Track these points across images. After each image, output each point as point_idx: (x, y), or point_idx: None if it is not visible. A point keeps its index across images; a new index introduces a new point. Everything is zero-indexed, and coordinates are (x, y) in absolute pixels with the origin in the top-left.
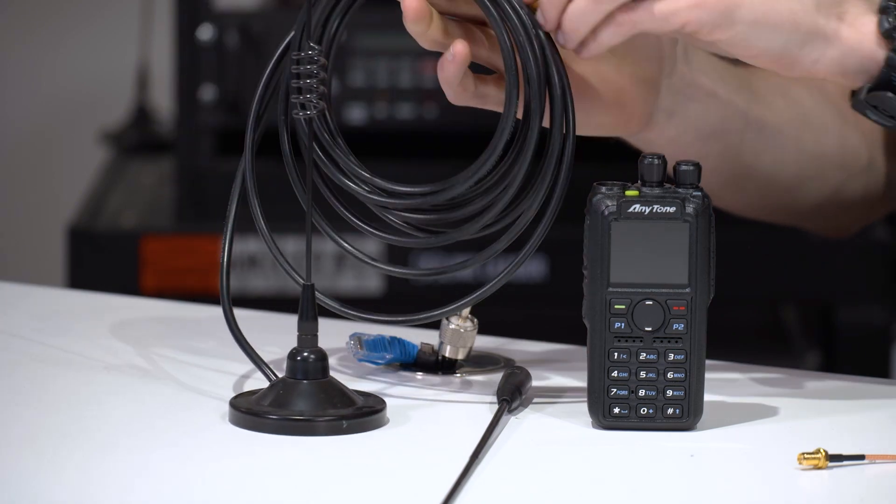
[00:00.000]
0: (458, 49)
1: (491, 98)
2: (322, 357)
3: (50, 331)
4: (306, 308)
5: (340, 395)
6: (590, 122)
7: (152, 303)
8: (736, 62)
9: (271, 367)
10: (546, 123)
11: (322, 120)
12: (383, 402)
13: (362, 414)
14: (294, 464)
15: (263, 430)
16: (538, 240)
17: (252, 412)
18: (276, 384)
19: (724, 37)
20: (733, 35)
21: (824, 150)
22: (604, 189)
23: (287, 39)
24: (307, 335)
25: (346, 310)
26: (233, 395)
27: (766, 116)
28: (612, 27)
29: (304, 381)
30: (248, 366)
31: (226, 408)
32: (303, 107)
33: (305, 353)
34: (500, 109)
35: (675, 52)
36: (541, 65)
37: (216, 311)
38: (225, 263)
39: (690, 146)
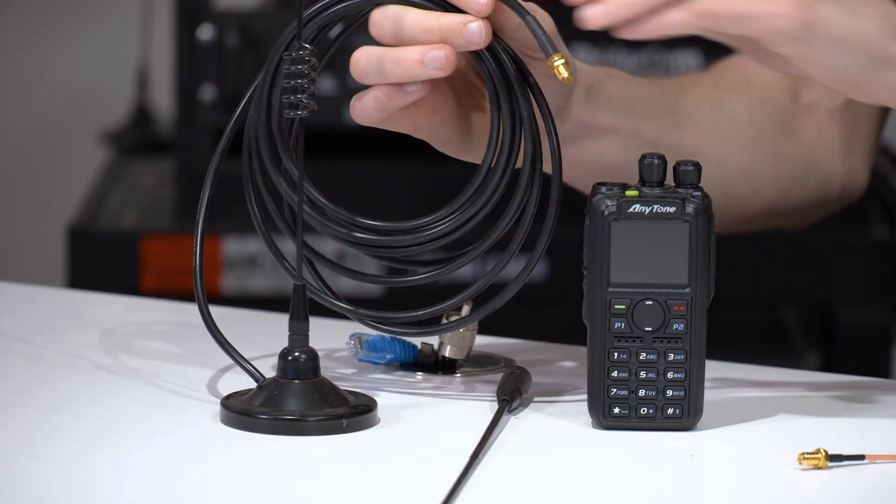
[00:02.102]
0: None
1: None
2: (313, 357)
3: (49, 331)
4: (297, 308)
5: (333, 394)
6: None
7: (152, 303)
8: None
9: (269, 367)
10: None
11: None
12: (375, 401)
13: (358, 413)
14: (298, 464)
15: (256, 430)
16: (544, 244)
17: (244, 412)
18: (268, 384)
19: (795, 53)
20: (805, 52)
21: (752, 168)
22: (604, 189)
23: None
24: (298, 335)
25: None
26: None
27: (682, 140)
28: (684, 13)
29: (296, 381)
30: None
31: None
32: (294, 106)
33: (297, 353)
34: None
35: (570, 102)
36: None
37: (215, 311)
38: (197, 267)
39: (582, 180)
